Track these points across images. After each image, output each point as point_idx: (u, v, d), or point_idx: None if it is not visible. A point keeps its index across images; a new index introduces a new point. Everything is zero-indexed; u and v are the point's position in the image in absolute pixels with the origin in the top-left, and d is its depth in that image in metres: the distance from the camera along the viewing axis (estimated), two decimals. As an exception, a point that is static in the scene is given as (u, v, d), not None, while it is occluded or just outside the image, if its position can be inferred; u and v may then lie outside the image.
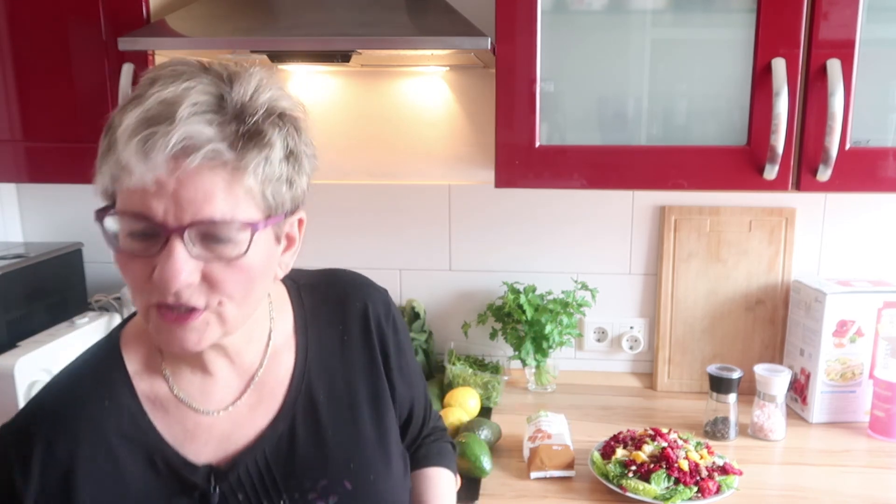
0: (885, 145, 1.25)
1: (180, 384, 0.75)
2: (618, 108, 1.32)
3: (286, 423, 0.78)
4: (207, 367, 0.75)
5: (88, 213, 0.68)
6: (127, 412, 0.73)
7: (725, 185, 1.28)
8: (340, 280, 0.89)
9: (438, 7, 1.35)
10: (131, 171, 0.60)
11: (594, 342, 1.74)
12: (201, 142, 0.61)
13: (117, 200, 0.65)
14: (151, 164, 0.60)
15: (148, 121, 0.61)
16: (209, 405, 0.76)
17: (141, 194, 0.62)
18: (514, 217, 1.70)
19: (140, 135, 0.60)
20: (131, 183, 0.61)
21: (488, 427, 1.36)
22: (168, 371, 0.75)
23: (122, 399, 0.73)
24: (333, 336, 0.84)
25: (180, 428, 0.74)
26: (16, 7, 1.34)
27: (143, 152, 0.60)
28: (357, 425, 0.81)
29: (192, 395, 0.75)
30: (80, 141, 1.38)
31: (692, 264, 1.64)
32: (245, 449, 0.75)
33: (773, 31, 1.21)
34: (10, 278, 1.45)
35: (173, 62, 0.67)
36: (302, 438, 0.78)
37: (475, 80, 1.65)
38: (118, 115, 0.63)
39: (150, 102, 0.62)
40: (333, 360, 0.82)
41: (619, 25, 1.28)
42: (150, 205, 0.62)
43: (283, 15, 1.35)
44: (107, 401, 0.73)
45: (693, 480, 1.17)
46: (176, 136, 0.60)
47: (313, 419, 0.79)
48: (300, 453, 0.77)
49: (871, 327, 1.44)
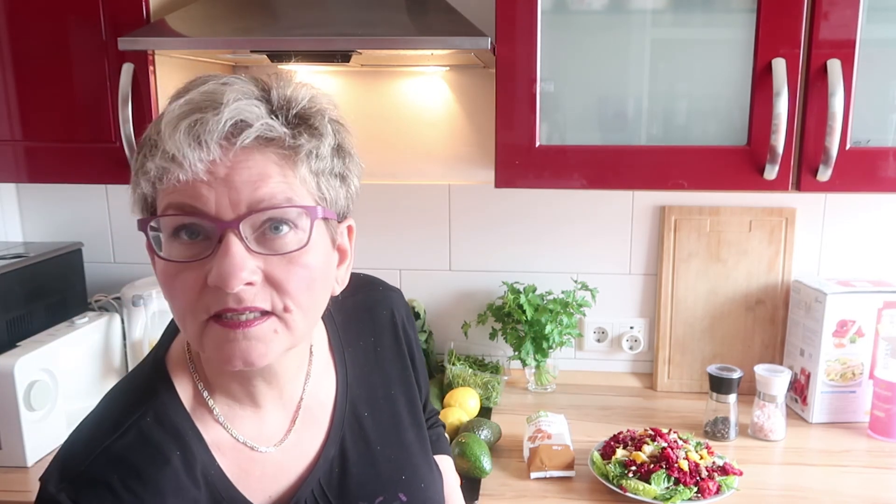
0: (885, 145, 1.25)
1: (233, 423, 0.70)
2: (618, 108, 1.32)
3: (336, 447, 0.76)
4: (258, 399, 0.71)
5: (88, 213, 0.69)
6: (199, 463, 0.66)
7: (725, 186, 1.28)
8: (362, 288, 0.86)
9: (438, 7, 1.35)
10: (181, 160, 0.56)
11: (594, 342, 1.74)
12: (253, 118, 0.58)
13: (159, 204, 0.60)
14: (203, 148, 0.56)
15: (194, 108, 0.58)
16: (262, 442, 0.71)
17: (191, 187, 0.57)
18: (514, 217, 1.70)
19: (188, 119, 0.57)
20: (182, 174, 0.57)
21: (488, 427, 1.36)
22: (217, 410, 0.69)
23: (192, 448, 0.66)
24: (368, 349, 0.83)
25: (236, 467, 0.69)
26: (16, 7, 1.34)
27: (194, 136, 0.57)
28: (401, 436, 0.81)
29: (247, 433, 0.70)
30: (80, 141, 1.38)
31: (692, 264, 1.64)
32: (300, 481, 0.73)
33: (773, 31, 1.21)
34: (10, 278, 1.45)
35: (201, 76, 0.64)
36: (353, 460, 0.76)
37: (475, 80, 1.65)
38: (156, 123, 0.60)
39: (193, 94, 0.59)
40: (371, 374, 0.81)
41: (619, 25, 1.28)
42: (202, 195, 0.58)
43: (282, 15, 1.35)
44: (178, 451, 0.66)
45: (693, 481, 1.17)
46: (227, 115, 0.57)
47: (361, 438, 0.78)
48: (353, 473, 0.76)
49: (871, 327, 1.44)
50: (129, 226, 0.80)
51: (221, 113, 0.57)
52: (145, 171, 0.59)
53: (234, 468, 0.69)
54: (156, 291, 1.57)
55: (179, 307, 0.61)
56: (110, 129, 1.36)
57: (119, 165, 1.38)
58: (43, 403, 1.34)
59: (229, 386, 0.69)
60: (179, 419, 0.67)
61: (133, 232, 0.80)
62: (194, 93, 0.59)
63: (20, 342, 1.38)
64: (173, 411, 0.67)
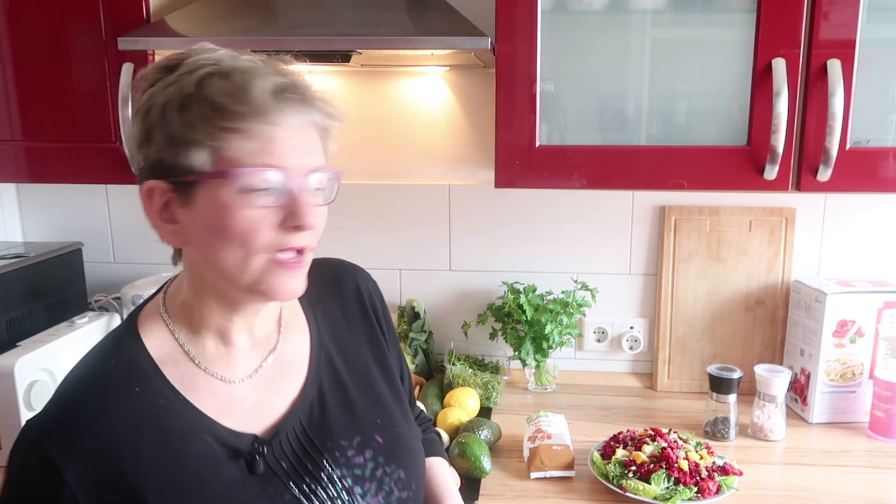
0: (885, 145, 1.25)
1: (205, 360, 0.78)
2: (618, 108, 1.32)
3: (314, 390, 0.83)
4: (231, 337, 0.79)
5: (88, 213, 0.69)
6: (161, 396, 0.74)
7: (725, 186, 1.28)
8: (330, 264, 0.96)
9: (438, 7, 1.35)
10: (284, 126, 0.69)
11: (594, 342, 1.74)
12: (315, 97, 0.73)
13: (209, 162, 0.68)
14: (299, 120, 0.70)
15: (288, 87, 0.70)
16: (234, 375, 0.79)
17: (277, 149, 0.69)
18: (514, 217, 1.70)
19: (290, 96, 0.70)
20: (279, 139, 0.69)
21: (488, 427, 1.36)
22: (190, 348, 0.78)
23: (153, 385, 0.74)
24: (336, 312, 0.91)
25: (215, 403, 0.77)
26: (16, 7, 1.34)
27: (295, 110, 0.70)
28: (374, 387, 0.89)
29: (218, 366, 0.78)
30: (80, 141, 1.38)
31: (692, 264, 1.64)
32: (282, 419, 0.80)
33: (773, 31, 1.21)
34: (10, 278, 1.45)
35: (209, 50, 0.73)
36: (331, 403, 0.83)
37: (475, 80, 1.65)
38: (244, 91, 0.68)
39: (283, 78, 0.71)
40: (340, 332, 0.90)
41: (619, 25, 1.28)
42: (284, 155, 0.69)
43: (282, 15, 1.35)
44: (137, 387, 0.73)
45: (693, 481, 1.17)
46: (305, 88, 0.72)
47: (338, 384, 0.85)
48: (332, 415, 0.83)
49: (871, 327, 1.44)
50: (130, 226, 0.80)
51: (301, 89, 0.72)
52: (239, 131, 0.68)
53: (214, 403, 0.76)
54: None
55: (252, 247, 0.70)
56: (110, 129, 1.36)
57: (119, 165, 1.37)
58: (43, 403, 1.33)
59: (210, 327, 0.78)
60: (142, 363, 0.75)
61: (133, 232, 0.80)
62: (260, 74, 0.70)
63: (20, 342, 1.38)
64: (136, 356, 0.75)
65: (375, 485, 0.82)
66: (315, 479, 0.78)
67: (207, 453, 0.74)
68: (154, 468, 0.71)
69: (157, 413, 0.73)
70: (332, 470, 0.79)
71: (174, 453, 0.72)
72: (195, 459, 0.73)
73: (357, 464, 0.81)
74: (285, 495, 0.76)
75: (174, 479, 0.71)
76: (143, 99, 0.71)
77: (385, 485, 0.82)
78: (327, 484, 0.79)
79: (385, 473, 0.83)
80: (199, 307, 0.77)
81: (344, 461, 0.81)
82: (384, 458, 0.84)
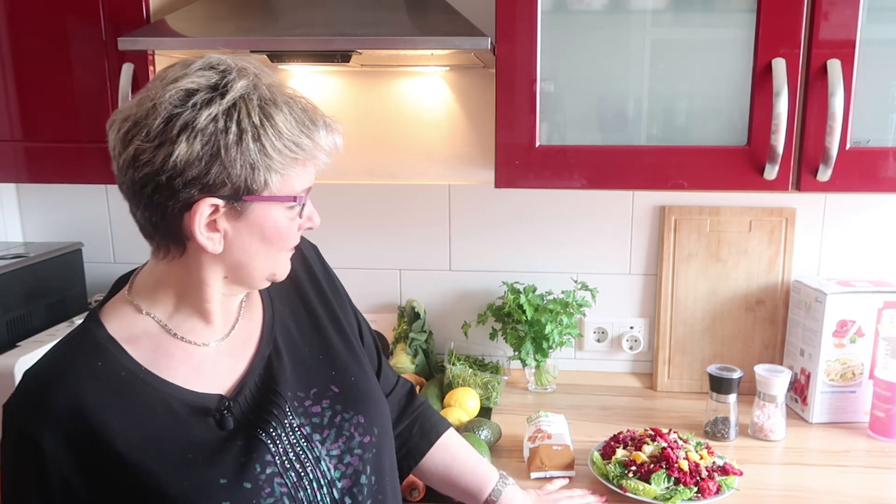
0: (885, 145, 1.25)
1: (183, 332, 0.84)
2: (618, 108, 1.32)
3: (269, 347, 0.90)
4: (210, 314, 0.85)
5: (88, 213, 0.70)
6: (123, 370, 0.79)
7: (725, 186, 1.28)
8: None
9: (438, 7, 1.35)
10: (327, 151, 0.81)
11: (594, 342, 1.74)
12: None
13: (276, 185, 0.77)
14: (332, 141, 0.81)
15: (319, 117, 0.81)
16: (208, 340, 0.86)
17: (306, 170, 0.81)
18: (514, 217, 1.70)
19: (326, 119, 0.81)
20: (316, 162, 0.81)
21: (488, 427, 1.36)
22: (167, 323, 0.84)
23: (115, 359, 0.80)
24: (288, 281, 0.96)
25: (189, 367, 0.83)
26: (16, 7, 1.34)
27: (330, 133, 0.81)
28: (327, 342, 0.96)
29: (193, 333, 0.85)
30: (80, 141, 1.38)
31: (692, 264, 1.64)
32: (243, 376, 0.86)
33: (773, 31, 1.21)
34: (10, 278, 1.45)
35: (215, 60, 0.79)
36: (286, 358, 0.90)
37: (475, 80, 1.65)
38: (301, 125, 0.78)
39: (298, 109, 0.79)
40: (291, 295, 0.98)
41: (619, 25, 1.28)
42: (312, 176, 0.82)
43: (282, 15, 1.35)
44: (99, 362, 0.79)
45: (693, 481, 1.17)
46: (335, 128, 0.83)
47: (290, 341, 0.93)
48: (287, 368, 0.89)
49: (871, 327, 1.44)
50: (130, 226, 0.81)
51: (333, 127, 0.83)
52: (303, 162, 0.79)
53: (186, 368, 0.83)
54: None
55: (285, 248, 0.84)
56: (110, 129, 1.36)
57: (119, 165, 1.38)
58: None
59: (194, 307, 0.84)
60: (104, 342, 0.80)
61: (133, 232, 0.81)
62: (298, 104, 0.80)
63: (20, 342, 1.38)
64: (97, 337, 0.81)
65: (335, 431, 0.88)
66: (278, 427, 0.84)
67: (175, 416, 0.80)
68: (125, 430, 0.76)
69: (120, 382, 0.79)
70: (293, 418, 0.85)
71: (141, 418, 0.78)
72: (164, 423, 0.79)
73: (314, 412, 0.88)
74: (253, 443, 0.82)
75: (145, 441, 0.77)
76: (198, 119, 0.73)
77: (345, 430, 0.88)
78: (289, 431, 0.85)
79: (344, 420, 0.89)
80: (190, 292, 0.83)
81: (302, 411, 0.87)
82: (341, 406, 0.90)
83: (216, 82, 0.75)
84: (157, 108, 0.73)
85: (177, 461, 0.77)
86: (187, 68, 0.76)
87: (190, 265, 0.81)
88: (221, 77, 0.75)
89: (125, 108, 0.77)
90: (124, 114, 0.77)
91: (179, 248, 0.80)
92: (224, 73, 0.76)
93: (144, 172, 0.74)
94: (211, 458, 0.79)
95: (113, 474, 0.75)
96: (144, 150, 0.74)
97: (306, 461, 0.84)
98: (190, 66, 0.76)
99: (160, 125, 0.73)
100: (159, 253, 0.81)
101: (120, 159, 0.77)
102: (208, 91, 0.74)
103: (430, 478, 1.10)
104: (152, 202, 0.76)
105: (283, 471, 0.82)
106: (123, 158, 0.76)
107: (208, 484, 0.78)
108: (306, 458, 0.84)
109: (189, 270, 0.81)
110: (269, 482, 0.80)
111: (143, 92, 0.77)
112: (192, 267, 0.81)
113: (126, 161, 0.76)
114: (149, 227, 0.79)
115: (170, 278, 0.83)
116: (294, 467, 0.83)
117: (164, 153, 0.73)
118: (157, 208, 0.76)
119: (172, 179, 0.74)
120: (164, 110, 0.73)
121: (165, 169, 0.73)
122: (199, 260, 0.81)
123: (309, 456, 0.84)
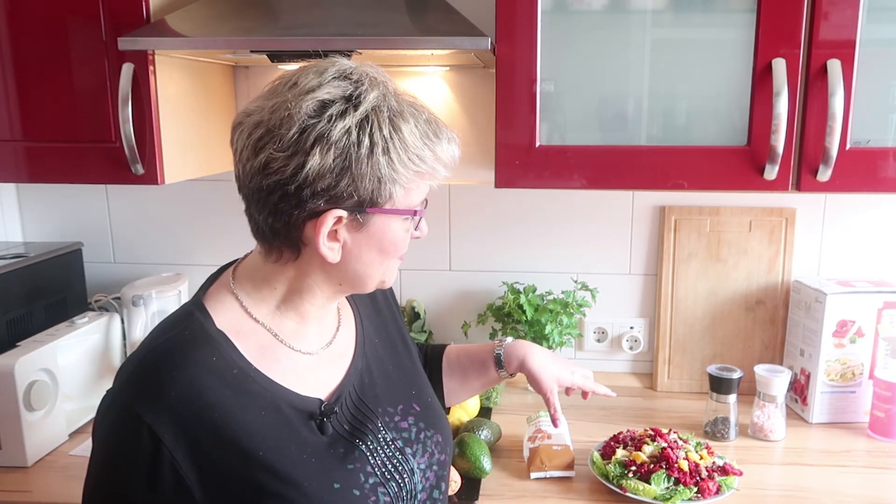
0: (885, 145, 1.25)
1: (285, 335, 0.85)
2: (618, 108, 1.32)
3: (362, 361, 0.92)
4: (308, 319, 0.87)
5: (88, 213, 0.69)
6: (235, 367, 0.79)
7: (725, 186, 1.28)
8: None
9: (438, 7, 1.35)
10: (446, 164, 0.81)
11: (594, 342, 1.74)
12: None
13: (400, 198, 0.79)
14: (450, 156, 0.82)
15: (440, 130, 0.81)
16: (310, 347, 0.87)
17: (426, 183, 0.82)
18: (514, 217, 1.70)
19: (448, 132, 0.81)
20: (435, 175, 0.81)
21: (488, 427, 1.36)
22: (271, 326, 0.84)
23: (227, 354, 0.79)
24: (366, 300, 1.02)
25: (292, 373, 0.84)
26: (16, 7, 1.34)
27: (451, 145, 0.81)
28: (403, 363, 0.99)
29: (295, 342, 0.86)
30: (80, 141, 1.38)
31: (692, 264, 1.64)
32: (341, 385, 0.88)
33: (773, 32, 1.21)
34: (10, 278, 1.45)
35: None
36: (375, 373, 0.93)
37: (475, 80, 1.65)
38: (425, 138, 0.78)
39: (422, 119, 0.80)
40: (373, 316, 1.01)
41: (619, 25, 1.28)
42: (428, 188, 0.83)
43: (282, 15, 1.35)
44: (213, 357, 0.78)
45: (693, 481, 1.17)
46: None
47: (378, 359, 0.95)
48: (377, 383, 0.92)
49: (871, 327, 1.44)
50: (130, 226, 0.80)
51: (453, 139, 0.83)
52: (428, 176, 0.81)
53: (290, 373, 0.83)
54: (155, 291, 1.57)
55: (398, 257, 0.85)
56: (110, 129, 1.36)
57: (119, 165, 1.37)
58: (43, 403, 1.34)
59: (297, 310, 0.85)
60: (214, 333, 0.79)
61: (133, 232, 0.81)
62: (422, 115, 0.80)
63: (20, 342, 1.38)
64: (208, 327, 0.79)
65: (421, 447, 0.91)
66: (373, 441, 0.86)
67: (285, 417, 0.80)
68: (245, 426, 0.75)
69: (234, 379, 0.78)
70: (385, 432, 0.88)
71: (258, 417, 0.77)
72: (277, 422, 0.79)
73: (403, 427, 0.90)
74: (354, 452, 0.83)
75: (264, 440, 0.76)
76: (333, 132, 0.73)
77: (428, 447, 0.92)
78: (384, 445, 0.87)
79: (427, 437, 0.92)
80: (295, 295, 0.84)
81: (392, 425, 0.89)
82: (424, 424, 0.93)
83: (350, 93, 0.75)
84: (293, 118, 0.73)
85: (297, 462, 0.78)
86: (321, 76, 0.76)
87: (301, 270, 0.82)
88: (355, 87, 0.75)
89: (255, 112, 0.77)
90: (255, 118, 0.76)
91: (294, 253, 0.80)
92: (357, 84, 0.76)
93: (274, 180, 0.74)
94: (322, 461, 0.80)
95: (234, 473, 0.74)
96: (276, 159, 0.73)
97: (403, 473, 0.86)
98: (324, 73, 0.76)
99: (294, 135, 0.73)
100: (272, 255, 0.82)
101: (248, 165, 0.76)
102: (343, 102, 0.74)
103: (448, 381, 1.16)
104: (277, 209, 0.76)
105: (385, 481, 0.84)
106: (252, 165, 0.75)
107: (328, 487, 0.79)
108: (403, 470, 0.87)
109: (299, 275, 0.82)
110: (373, 491, 0.82)
111: (274, 97, 0.76)
112: (303, 271, 0.82)
113: (255, 168, 0.75)
114: (268, 231, 0.79)
115: (278, 279, 0.83)
116: (395, 478, 0.85)
117: (297, 163, 0.73)
118: (281, 215, 0.76)
119: (301, 189, 0.74)
120: (299, 120, 0.73)
121: (296, 179, 0.73)
122: (313, 266, 0.81)
123: (405, 468, 0.87)
